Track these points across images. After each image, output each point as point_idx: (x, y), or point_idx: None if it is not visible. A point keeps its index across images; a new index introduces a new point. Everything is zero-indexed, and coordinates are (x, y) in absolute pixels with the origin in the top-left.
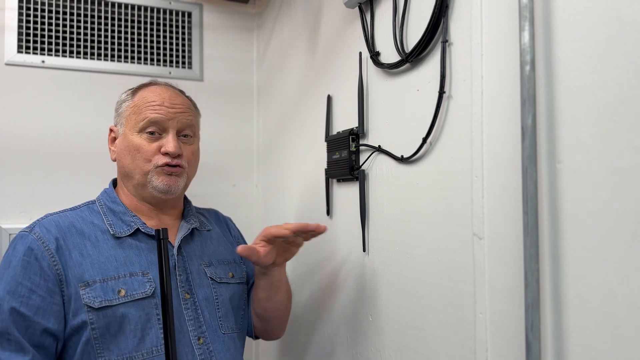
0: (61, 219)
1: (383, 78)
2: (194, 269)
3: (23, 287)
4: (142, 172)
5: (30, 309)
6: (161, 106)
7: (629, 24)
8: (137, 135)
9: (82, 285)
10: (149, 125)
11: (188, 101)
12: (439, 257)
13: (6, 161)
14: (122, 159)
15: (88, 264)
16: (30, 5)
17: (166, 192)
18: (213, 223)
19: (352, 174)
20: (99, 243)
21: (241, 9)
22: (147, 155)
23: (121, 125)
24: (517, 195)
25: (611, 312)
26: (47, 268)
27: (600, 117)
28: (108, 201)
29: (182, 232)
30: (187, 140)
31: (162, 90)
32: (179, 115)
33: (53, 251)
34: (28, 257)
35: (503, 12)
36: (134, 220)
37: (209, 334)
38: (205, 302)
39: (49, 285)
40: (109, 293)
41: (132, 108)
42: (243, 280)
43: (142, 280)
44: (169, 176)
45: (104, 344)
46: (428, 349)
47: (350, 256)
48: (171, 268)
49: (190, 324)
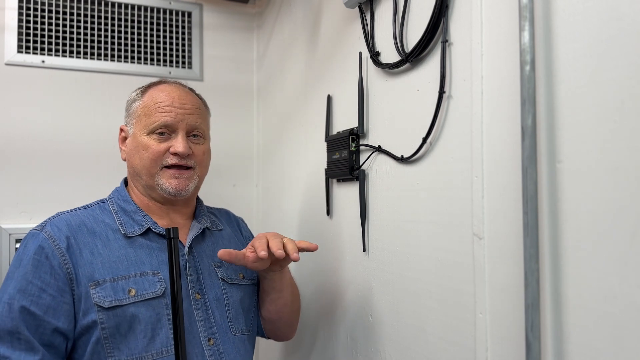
0: (72, 217)
1: (383, 78)
2: (205, 269)
3: (33, 286)
4: (149, 173)
5: (40, 308)
6: (170, 107)
7: (629, 24)
8: (147, 136)
9: (92, 284)
10: (158, 127)
11: (198, 100)
12: (439, 257)
13: (6, 161)
14: (132, 158)
15: (99, 263)
16: (30, 5)
17: (176, 194)
18: (224, 223)
19: (352, 174)
20: (109, 242)
21: (241, 9)
22: (155, 156)
23: (131, 126)
24: (517, 195)
25: (611, 312)
26: (57, 267)
27: (600, 117)
28: (120, 200)
29: (193, 231)
30: (197, 140)
31: (171, 90)
32: (188, 117)
33: (64, 250)
34: (39, 255)
35: (503, 12)
36: (145, 219)
37: (220, 335)
38: (216, 302)
39: (59, 284)
40: (119, 292)
41: (141, 109)
42: (254, 281)
43: (152, 280)
44: (178, 179)
45: (114, 344)
46: (428, 349)
47: (350, 256)
48: (182, 268)
49: (200, 324)
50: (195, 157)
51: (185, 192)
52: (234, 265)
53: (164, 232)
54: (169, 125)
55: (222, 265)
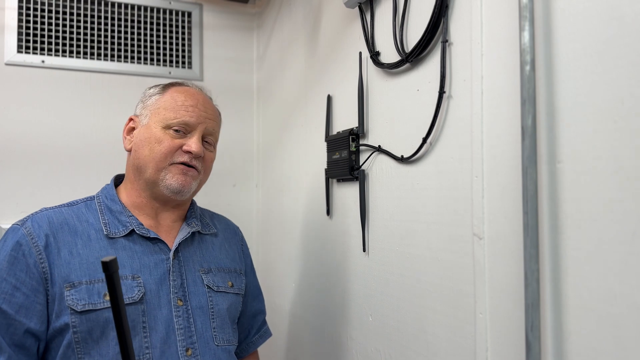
0: (55, 214)
1: (383, 78)
2: (190, 274)
3: (7, 283)
4: (156, 167)
5: (12, 307)
6: (195, 107)
7: (629, 24)
8: (162, 130)
9: (67, 285)
10: (178, 124)
11: (217, 110)
12: (439, 257)
13: (6, 161)
14: (139, 149)
15: (76, 264)
16: (30, 5)
17: (178, 191)
18: (220, 229)
19: (352, 174)
20: (90, 242)
21: (241, 9)
22: (168, 150)
23: (146, 117)
24: (517, 195)
25: (611, 312)
26: (33, 265)
27: (600, 117)
28: (107, 199)
29: (181, 235)
30: (208, 147)
31: (196, 92)
32: (208, 121)
33: (41, 248)
34: (16, 252)
35: (503, 12)
36: (130, 220)
37: (200, 345)
38: (199, 310)
39: (33, 283)
40: (94, 296)
41: (163, 102)
42: (242, 291)
43: (131, 284)
44: (185, 175)
45: (86, 349)
46: (428, 349)
47: (350, 256)
48: (165, 272)
49: (179, 333)
50: (203, 162)
51: (187, 191)
52: (222, 272)
53: (148, 235)
54: (189, 125)
55: (209, 272)
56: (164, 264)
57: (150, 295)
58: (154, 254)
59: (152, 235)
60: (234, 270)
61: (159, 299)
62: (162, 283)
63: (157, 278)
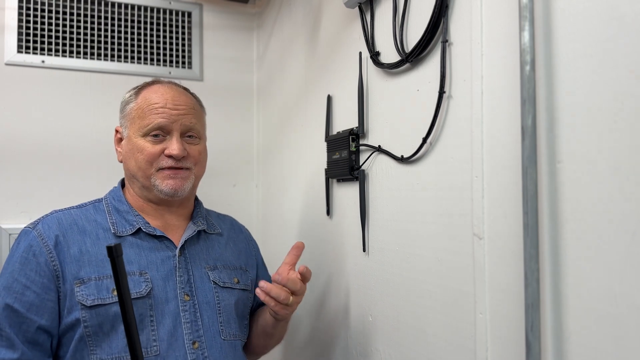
0: (64, 216)
1: (383, 78)
2: (197, 271)
3: (18, 283)
4: (145, 175)
5: (23, 305)
6: (164, 108)
7: (629, 24)
8: (141, 138)
9: (77, 282)
10: (152, 130)
11: (192, 100)
12: (439, 257)
13: (6, 161)
14: (127, 161)
15: (85, 261)
16: (30, 5)
17: (172, 195)
18: (225, 228)
19: (352, 174)
20: (99, 240)
21: (241, 9)
22: (150, 158)
23: (125, 128)
24: (517, 195)
25: (611, 312)
26: (44, 264)
27: (600, 117)
28: (114, 200)
29: (187, 233)
30: (192, 140)
31: (164, 90)
32: (182, 117)
33: (51, 247)
34: (27, 253)
35: (503, 12)
36: (137, 219)
37: (206, 339)
38: (206, 305)
39: (44, 281)
40: (102, 291)
41: (135, 111)
42: (248, 287)
43: (138, 280)
44: (174, 179)
45: (97, 342)
46: (428, 349)
47: (350, 256)
48: (172, 269)
49: (186, 326)
50: (191, 158)
51: (182, 192)
52: (228, 269)
53: (155, 233)
54: (163, 127)
55: (215, 269)
56: (171, 260)
57: (157, 290)
58: (161, 251)
59: (158, 233)
60: (239, 267)
61: (166, 294)
62: (169, 279)
63: (164, 274)
